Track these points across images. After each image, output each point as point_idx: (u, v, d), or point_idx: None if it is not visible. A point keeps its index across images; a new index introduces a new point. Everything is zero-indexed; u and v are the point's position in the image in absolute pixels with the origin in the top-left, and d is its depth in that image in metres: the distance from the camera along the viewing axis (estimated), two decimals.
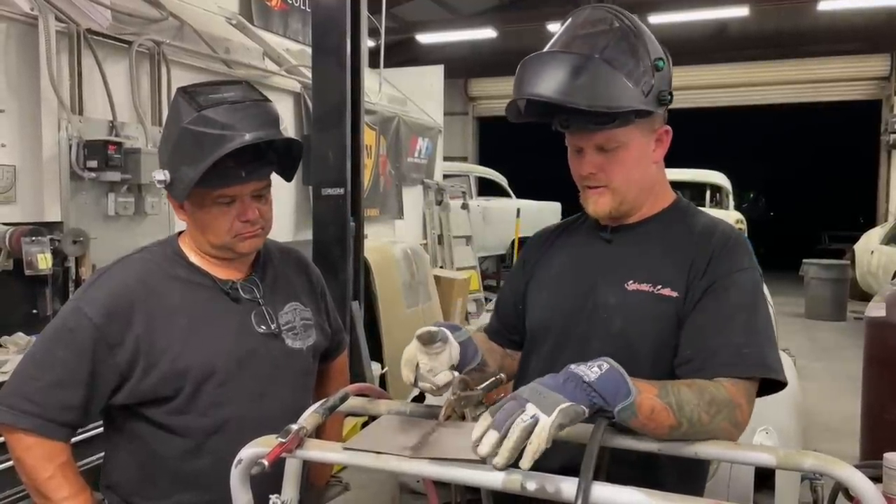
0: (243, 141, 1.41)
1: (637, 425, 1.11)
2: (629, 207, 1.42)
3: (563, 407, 0.99)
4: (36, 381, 1.41)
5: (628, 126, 1.33)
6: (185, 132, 1.42)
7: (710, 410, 1.17)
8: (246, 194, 1.49)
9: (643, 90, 1.29)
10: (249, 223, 1.51)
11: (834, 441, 4.55)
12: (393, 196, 6.38)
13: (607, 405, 1.05)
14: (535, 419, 0.98)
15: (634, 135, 1.36)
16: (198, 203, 1.48)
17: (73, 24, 3.18)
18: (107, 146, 3.19)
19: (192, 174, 1.40)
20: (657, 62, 1.32)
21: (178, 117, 1.44)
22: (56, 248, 2.97)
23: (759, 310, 1.32)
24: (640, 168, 1.39)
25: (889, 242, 9.81)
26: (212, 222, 1.49)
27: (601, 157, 1.37)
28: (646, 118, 1.35)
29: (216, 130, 1.41)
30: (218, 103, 1.44)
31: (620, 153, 1.36)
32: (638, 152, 1.37)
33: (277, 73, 4.65)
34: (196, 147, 1.41)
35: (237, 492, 1.17)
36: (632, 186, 1.39)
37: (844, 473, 1.01)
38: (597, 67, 1.26)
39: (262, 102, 1.50)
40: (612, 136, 1.34)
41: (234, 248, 1.53)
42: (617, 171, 1.37)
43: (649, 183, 1.43)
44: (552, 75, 1.27)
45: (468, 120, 16.99)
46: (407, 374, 1.25)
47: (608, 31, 1.32)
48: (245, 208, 1.50)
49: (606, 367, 1.07)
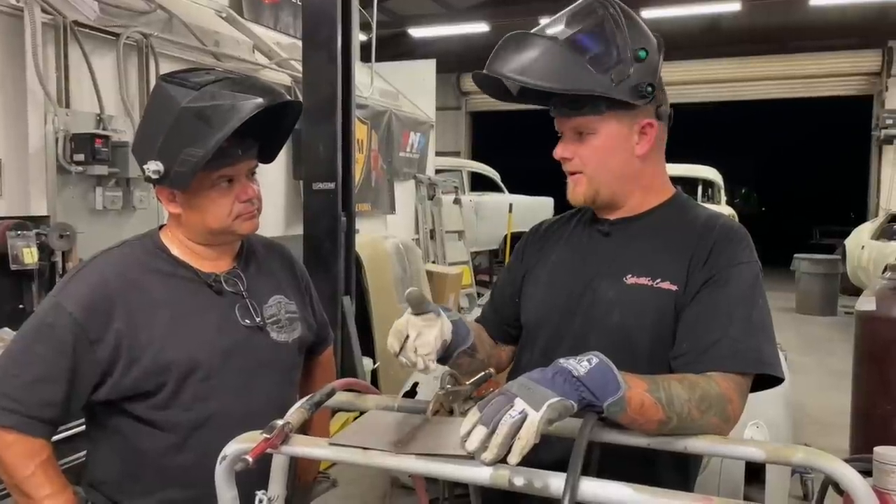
0: (259, 104, 1.40)
1: (626, 420, 1.10)
2: (609, 198, 1.41)
3: (551, 402, 0.98)
4: (15, 377, 1.39)
5: (602, 115, 1.34)
6: (184, 113, 1.40)
7: (701, 406, 1.16)
8: (242, 173, 1.49)
9: (612, 78, 1.29)
10: (249, 202, 1.50)
11: (825, 435, 4.57)
12: (385, 191, 6.36)
13: (596, 400, 1.04)
14: (523, 415, 0.96)
15: (610, 123, 1.35)
16: (195, 189, 1.46)
17: (59, 15, 3.15)
18: (94, 140, 3.15)
19: (202, 152, 1.38)
20: (638, 52, 1.31)
21: (171, 102, 1.41)
22: (42, 243, 2.94)
23: (757, 304, 1.31)
24: (615, 158, 1.38)
25: (879, 237, 9.86)
26: (211, 206, 1.48)
27: (577, 142, 1.39)
28: (624, 109, 1.34)
29: (227, 101, 1.39)
30: (215, 80, 1.43)
31: (593, 140, 1.37)
32: (613, 142, 1.37)
33: (268, 67, 4.62)
34: (202, 123, 1.38)
35: (222, 488, 1.15)
36: (606, 175, 1.39)
37: (834, 467, 1.00)
38: (559, 50, 1.29)
39: (254, 76, 1.50)
40: (585, 122, 1.36)
41: (235, 230, 1.51)
42: (589, 157, 1.38)
43: (630, 175, 1.41)
44: (516, 56, 1.30)
45: (461, 115, 16.95)
46: (392, 342, 1.24)
47: (587, 15, 1.33)
48: (244, 187, 1.49)
49: (596, 362, 1.06)
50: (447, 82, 15.17)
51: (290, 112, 1.56)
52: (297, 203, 4.72)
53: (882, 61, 13.44)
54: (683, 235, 1.38)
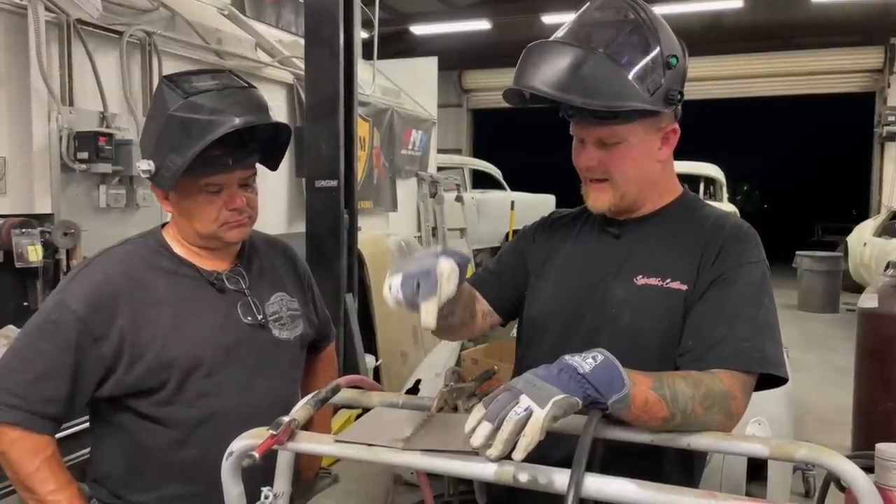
0: (234, 125, 1.40)
1: (630, 417, 1.10)
2: (630, 204, 1.40)
3: (557, 399, 0.98)
4: (20, 374, 1.39)
5: (631, 123, 1.30)
6: (171, 120, 1.40)
7: (705, 403, 1.16)
8: (233, 183, 1.48)
9: (648, 88, 1.25)
10: (237, 211, 1.50)
11: (827, 432, 4.57)
12: (387, 188, 6.36)
13: (601, 397, 1.04)
14: (528, 411, 0.97)
15: (637, 132, 1.32)
16: (184, 192, 1.47)
17: (62, 14, 3.15)
18: (97, 137, 3.16)
19: (181, 162, 1.38)
20: (669, 59, 1.27)
21: (164, 105, 1.42)
22: (47, 241, 2.95)
23: (763, 304, 1.31)
24: (641, 165, 1.36)
25: (881, 234, 9.84)
26: (198, 211, 1.48)
27: (602, 151, 1.35)
28: (651, 116, 1.31)
29: (205, 116, 1.39)
30: (205, 90, 1.42)
31: (621, 149, 1.33)
32: (640, 150, 1.34)
33: (270, 65, 4.62)
34: (183, 134, 1.39)
35: (228, 484, 1.16)
36: (632, 183, 1.37)
37: (836, 463, 1.01)
38: (598, 62, 1.22)
39: (249, 89, 1.49)
40: (613, 132, 1.32)
41: (221, 237, 1.51)
42: (617, 166, 1.35)
43: (652, 181, 1.40)
44: (551, 68, 1.23)
45: (462, 112, 16.93)
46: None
47: (621, 22, 1.28)
48: (232, 196, 1.49)
49: (601, 359, 1.06)
50: (449, 80, 15.16)
51: (282, 129, 1.56)
52: (300, 201, 4.73)
53: (884, 58, 13.39)
54: (693, 236, 1.38)
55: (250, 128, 1.42)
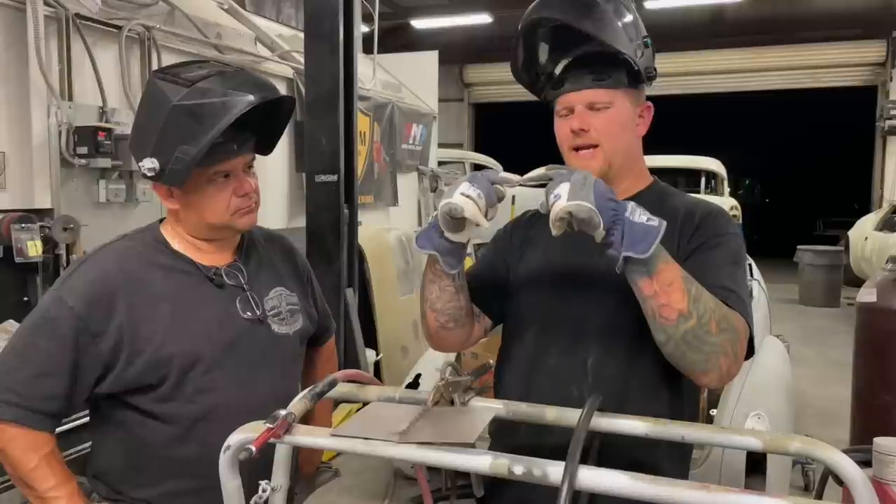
0: (250, 101, 1.40)
1: (649, 291, 1.14)
2: (615, 174, 1.42)
3: (581, 204, 1.07)
4: (18, 371, 1.40)
5: (619, 89, 1.38)
6: (176, 110, 1.39)
7: (721, 324, 1.19)
8: (239, 168, 1.49)
9: (636, 51, 1.34)
10: (246, 197, 1.50)
11: (827, 426, 4.58)
12: (387, 183, 6.36)
13: (620, 244, 1.10)
14: (557, 196, 1.10)
15: (624, 100, 1.39)
16: (192, 185, 1.46)
17: (62, 8, 3.15)
18: (97, 132, 3.16)
19: (195, 150, 1.37)
20: (645, 39, 1.37)
21: (163, 99, 1.40)
22: (46, 236, 2.96)
23: (741, 269, 1.36)
24: (626, 134, 1.42)
25: (883, 228, 9.83)
26: (209, 202, 1.48)
27: (591, 115, 1.39)
28: (634, 88, 1.40)
29: (217, 98, 1.39)
30: (206, 76, 1.42)
31: (611, 113, 1.39)
32: (626, 116, 1.41)
33: (270, 59, 4.62)
34: (193, 122, 1.38)
35: (226, 478, 1.16)
36: (619, 151, 1.41)
37: (831, 457, 1.01)
38: (607, 6, 1.33)
39: (245, 70, 1.50)
40: (606, 94, 1.38)
41: (234, 225, 1.52)
42: (607, 129, 1.39)
43: (633, 155, 1.46)
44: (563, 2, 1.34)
45: (463, 106, 16.91)
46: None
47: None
48: (241, 182, 1.49)
49: (653, 224, 1.12)
50: (450, 74, 15.14)
51: (284, 106, 1.55)
52: (300, 195, 4.72)
53: (886, 52, 13.37)
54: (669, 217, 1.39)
55: (247, 112, 1.41)
